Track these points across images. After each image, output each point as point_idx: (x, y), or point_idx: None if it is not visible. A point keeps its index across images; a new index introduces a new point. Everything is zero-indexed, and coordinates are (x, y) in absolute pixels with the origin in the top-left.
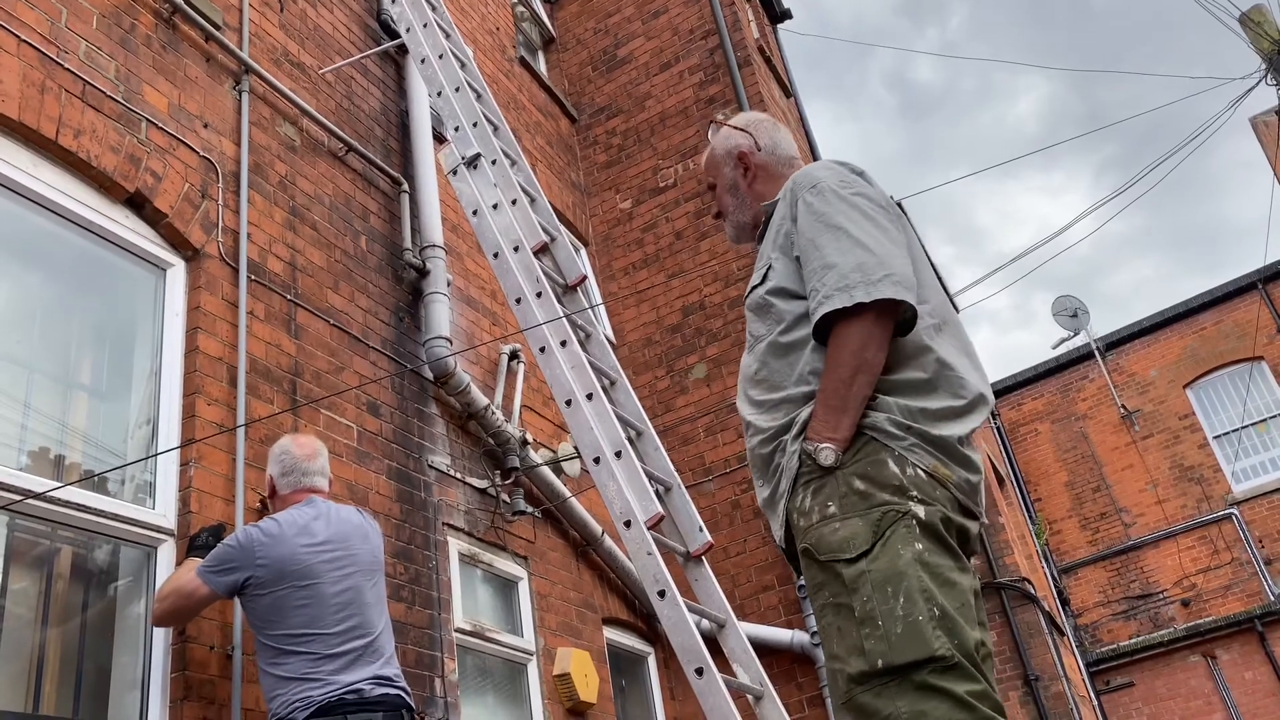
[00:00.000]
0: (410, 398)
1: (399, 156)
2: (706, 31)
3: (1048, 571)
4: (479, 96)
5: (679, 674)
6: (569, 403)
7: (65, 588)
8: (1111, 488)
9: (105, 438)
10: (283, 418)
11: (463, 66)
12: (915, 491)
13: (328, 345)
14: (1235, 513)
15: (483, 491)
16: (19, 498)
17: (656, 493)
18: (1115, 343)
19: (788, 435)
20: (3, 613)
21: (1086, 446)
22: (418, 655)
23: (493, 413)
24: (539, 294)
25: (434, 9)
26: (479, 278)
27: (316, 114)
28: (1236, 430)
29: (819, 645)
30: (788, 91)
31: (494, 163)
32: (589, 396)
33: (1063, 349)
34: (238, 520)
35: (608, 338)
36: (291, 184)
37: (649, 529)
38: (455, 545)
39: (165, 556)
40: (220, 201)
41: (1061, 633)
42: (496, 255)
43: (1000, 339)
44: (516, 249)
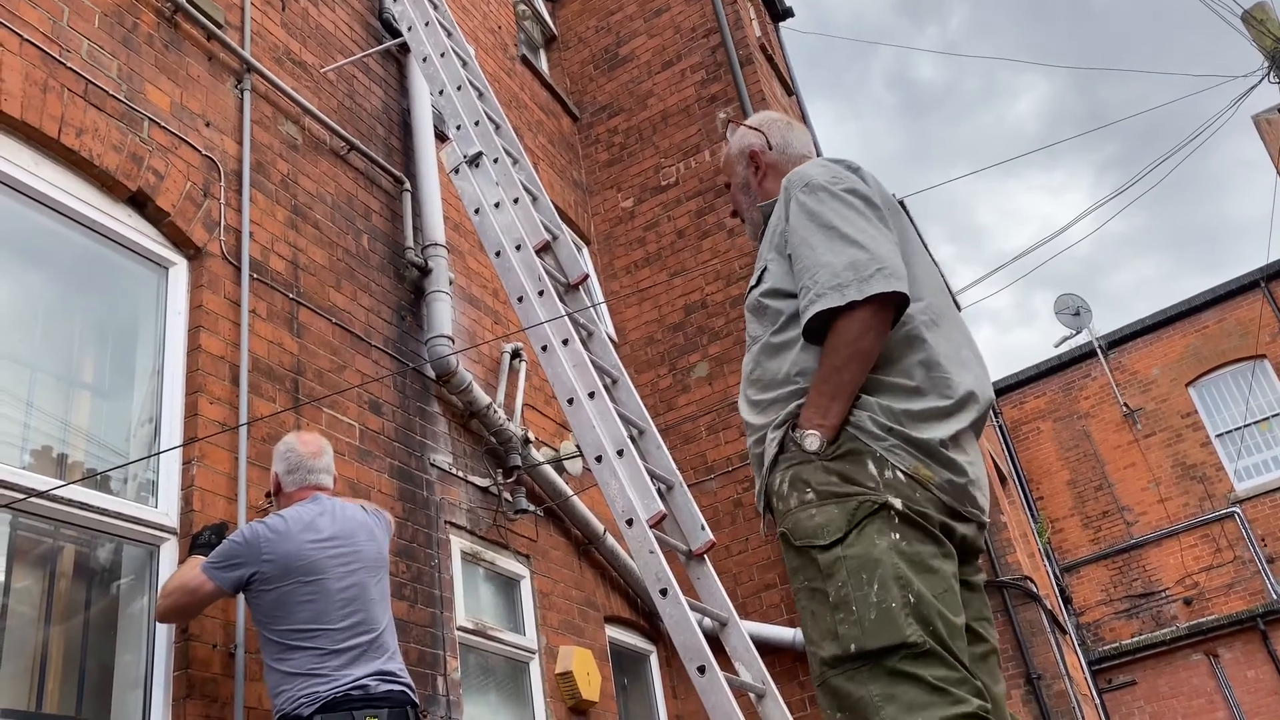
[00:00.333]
0: (412, 396)
1: (401, 155)
2: (708, 30)
3: (1050, 570)
4: (480, 95)
5: (681, 672)
6: (571, 401)
7: (68, 586)
8: (1114, 486)
9: (108, 436)
10: (285, 416)
11: (464, 65)
12: (892, 492)
13: (330, 344)
14: (1237, 511)
15: (485, 490)
16: (22, 496)
17: (658, 491)
18: (1117, 341)
19: (769, 428)
20: (6, 611)
21: (1089, 445)
22: (420, 653)
23: (495, 411)
24: (541, 292)
25: (436, 7)
26: (481, 276)
27: (318, 113)
28: (1239, 429)
29: None
30: (789, 90)
31: (496, 161)
32: (591, 395)
33: (1065, 347)
34: (240, 519)
35: (609, 336)
36: (294, 183)
37: (651, 527)
38: (457, 544)
39: (168, 555)
40: (222, 200)
41: (1064, 631)
42: (498, 254)
43: (1002, 337)
44: (518, 247)
